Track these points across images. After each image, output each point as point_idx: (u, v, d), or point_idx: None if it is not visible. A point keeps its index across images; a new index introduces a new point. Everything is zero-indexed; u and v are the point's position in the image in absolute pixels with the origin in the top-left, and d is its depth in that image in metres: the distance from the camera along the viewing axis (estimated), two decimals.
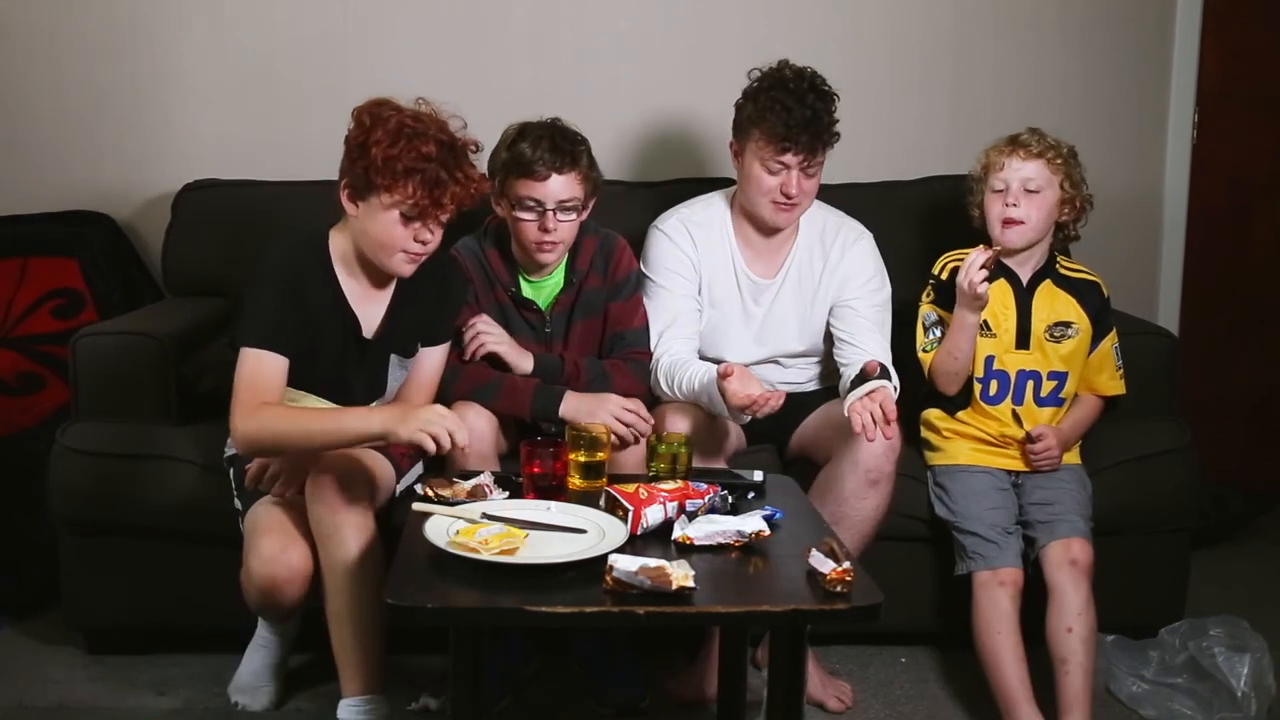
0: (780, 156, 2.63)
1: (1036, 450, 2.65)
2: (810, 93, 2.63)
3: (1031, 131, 2.73)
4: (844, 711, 2.62)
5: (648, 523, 2.06)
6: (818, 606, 1.84)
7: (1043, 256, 2.76)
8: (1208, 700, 2.55)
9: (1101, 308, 2.77)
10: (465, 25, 3.45)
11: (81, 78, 3.42)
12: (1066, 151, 2.72)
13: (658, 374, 2.71)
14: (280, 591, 2.35)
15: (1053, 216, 2.71)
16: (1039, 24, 3.56)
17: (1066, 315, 2.73)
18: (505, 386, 2.60)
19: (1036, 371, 2.71)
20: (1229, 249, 3.79)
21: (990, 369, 2.71)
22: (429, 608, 1.82)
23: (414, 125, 2.28)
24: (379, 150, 2.25)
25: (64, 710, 2.58)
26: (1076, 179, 2.73)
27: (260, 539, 2.35)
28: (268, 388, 2.29)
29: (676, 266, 2.75)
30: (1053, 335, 2.71)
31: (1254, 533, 3.62)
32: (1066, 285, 2.76)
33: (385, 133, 2.26)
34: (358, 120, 2.31)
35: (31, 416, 3.07)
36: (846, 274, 2.77)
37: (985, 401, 2.71)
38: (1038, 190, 2.68)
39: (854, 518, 2.53)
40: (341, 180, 2.34)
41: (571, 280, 2.71)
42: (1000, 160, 2.71)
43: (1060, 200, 2.71)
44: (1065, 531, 2.56)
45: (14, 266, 3.24)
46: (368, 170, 2.26)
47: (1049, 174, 2.68)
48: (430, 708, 2.55)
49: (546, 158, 2.56)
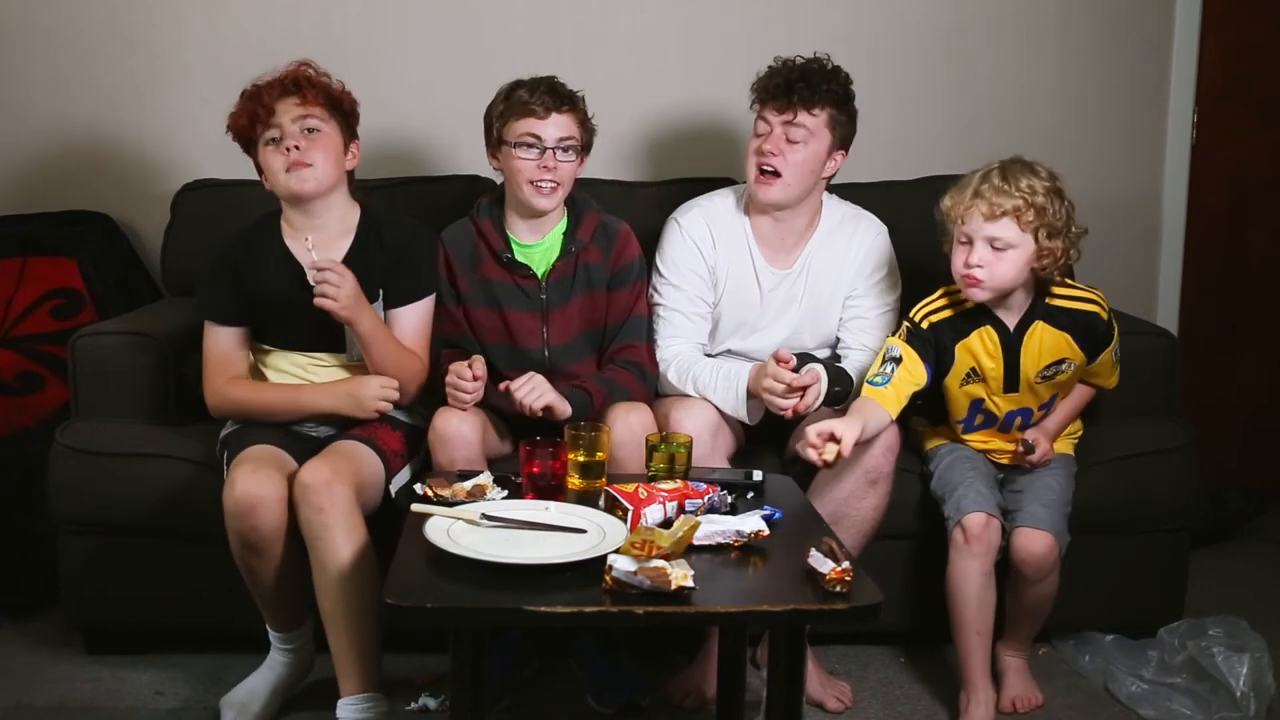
0: (763, 111, 2.66)
1: (1034, 460, 2.60)
2: (815, 65, 2.66)
3: (1004, 173, 2.44)
4: (843, 711, 2.62)
5: (647, 523, 2.06)
6: (817, 606, 1.84)
7: (1028, 296, 2.55)
8: (1207, 700, 2.54)
9: (1099, 336, 2.59)
10: (465, 25, 3.45)
11: (81, 78, 3.42)
12: (1043, 195, 2.42)
13: (668, 372, 2.71)
14: (255, 514, 2.33)
15: (1025, 270, 2.47)
16: (1038, 23, 3.56)
17: (1059, 354, 2.57)
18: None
19: (1027, 409, 2.63)
20: (1228, 249, 3.79)
21: (977, 408, 2.64)
22: (429, 608, 1.82)
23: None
24: (230, 129, 2.62)
25: (63, 710, 2.58)
26: (1057, 226, 2.43)
27: (235, 470, 2.39)
28: (227, 358, 2.61)
29: (693, 265, 2.75)
30: (1044, 377, 2.58)
31: (1254, 533, 3.61)
32: (1060, 321, 2.56)
33: (228, 120, 2.63)
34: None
35: (31, 416, 3.07)
36: (859, 268, 2.77)
37: (968, 431, 2.67)
38: (1004, 249, 2.44)
39: (853, 518, 2.53)
40: (260, 178, 2.64)
41: (569, 249, 2.69)
42: (962, 213, 2.47)
43: (1037, 254, 2.45)
44: (1025, 521, 2.54)
45: (13, 266, 3.24)
46: (242, 145, 2.63)
47: (1018, 232, 2.42)
48: (430, 708, 2.55)
49: (546, 99, 2.63)
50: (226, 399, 2.60)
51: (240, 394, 2.60)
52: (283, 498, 2.36)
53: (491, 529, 2.04)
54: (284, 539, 2.38)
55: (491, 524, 2.05)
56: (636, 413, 2.57)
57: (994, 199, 2.43)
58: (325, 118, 2.59)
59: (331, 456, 2.42)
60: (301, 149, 2.55)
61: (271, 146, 2.57)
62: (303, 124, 2.57)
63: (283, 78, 2.59)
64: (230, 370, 2.61)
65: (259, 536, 2.36)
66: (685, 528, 1.97)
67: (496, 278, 2.69)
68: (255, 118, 2.57)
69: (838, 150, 2.71)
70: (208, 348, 2.62)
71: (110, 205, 3.43)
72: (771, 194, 2.68)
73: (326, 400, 2.57)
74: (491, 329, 2.70)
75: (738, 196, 2.82)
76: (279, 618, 2.52)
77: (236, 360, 2.62)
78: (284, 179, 2.57)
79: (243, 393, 2.60)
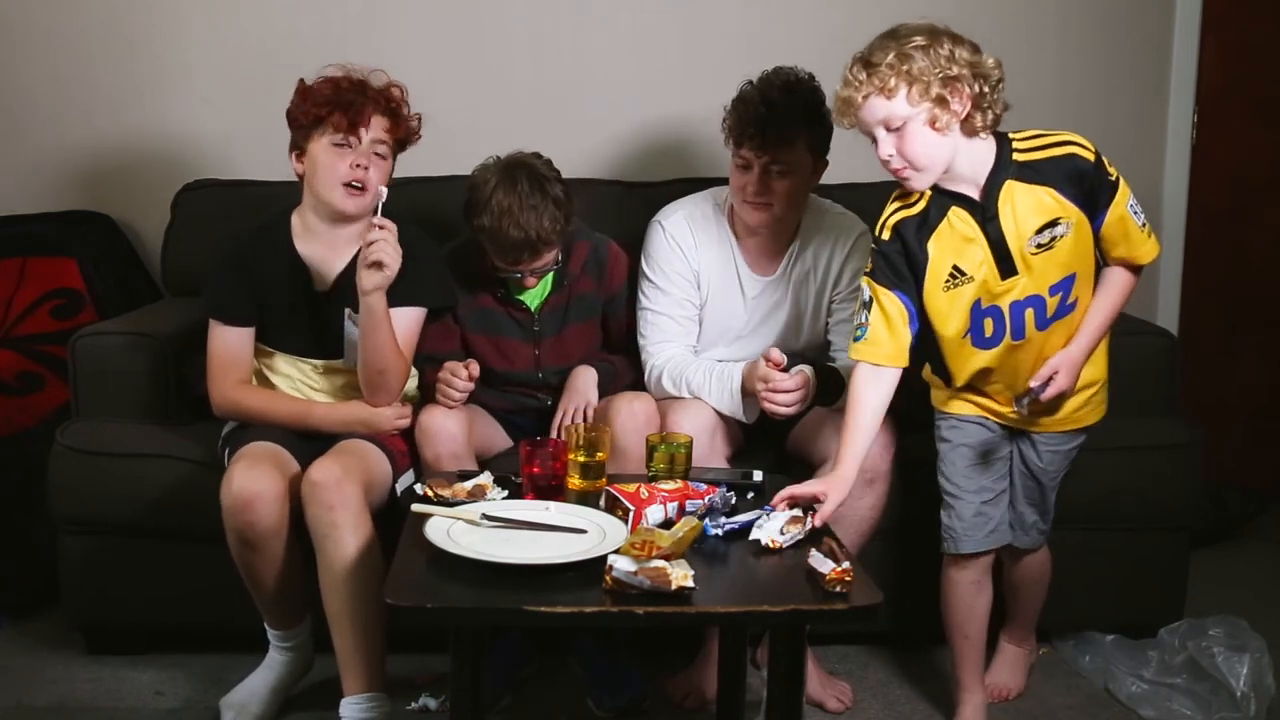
0: (740, 150, 2.63)
1: (1048, 396, 2.27)
2: (778, 91, 2.60)
3: (863, 61, 2.20)
4: (843, 711, 2.62)
5: (648, 523, 2.06)
6: (817, 606, 1.84)
7: (985, 158, 2.24)
8: (1207, 700, 2.54)
9: (1087, 178, 2.24)
10: (465, 26, 3.45)
11: (81, 78, 3.42)
12: (898, 58, 2.15)
13: (660, 377, 2.71)
14: (251, 509, 2.33)
15: (946, 135, 2.18)
16: (1038, 23, 3.56)
17: (1048, 214, 2.23)
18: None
19: (1035, 295, 2.27)
20: (1228, 248, 3.79)
21: (978, 311, 2.30)
22: (429, 608, 1.82)
23: (322, 79, 2.55)
24: (300, 101, 2.55)
25: (63, 710, 2.58)
26: (947, 75, 2.15)
27: (233, 466, 2.39)
28: (235, 359, 2.58)
29: (678, 268, 2.75)
30: (1040, 245, 2.24)
31: (1254, 533, 3.61)
32: (1034, 175, 2.23)
33: (301, 91, 2.57)
34: (292, 100, 2.58)
35: (31, 416, 3.07)
36: (843, 270, 2.76)
37: (980, 347, 2.32)
38: (902, 127, 2.18)
39: (851, 517, 2.52)
40: (291, 153, 2.59)
41: (562, 283, 2.73)
42: (846, 113, 2.23)
43: (942, 111, 2.16)
44: (1018, 540, 2.51)
45: (13, 266, 3.24)
46: (298, 121, 2.54)
47: (902, 104, 2.16)
48: (430, 708, 2.55)
49: (525, 256, 2.58)
50: (235, 405, 2.57)
51: (250, 403, 2.57)
52: (280, 494, 2.36)
53: (491, 529, 2.04)
54: (282, 536, 2.38)
55: (491, 524, 2.05)
56: (640, 401, 2.60)
57: (855, 89, 2.20)
58: (393, 150, 2.59)
59: (341, 455, 2.41)
60: (367, 171, 2.52)
61: (337, 149, 2.52)
62: (376, 147, 2.54)
63: (385, 95, 2.55)
64: (237, 372, 2.58)
65: (256, 533, 2.35)
66: (686, 528, 1.97)
67: (490, 307, 2.73)
68: (343, 115, 2.49)
69: (819, 163, 2.68)
70: (214, 348, 2.58)
71: (110, 205, 3.43)
72: (762, 219, 2.67)
73: (339, 424, 2.55)
74: (485, 353, 2.73)
75: (719, 202, 2.80)
76: (277, 615, 2.51)
77: (243, 361, 2.59)
78: (339, 192, 2.52)
79: (253, 402, 2.57)
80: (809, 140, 2.62)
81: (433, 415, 2.54)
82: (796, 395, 2.51)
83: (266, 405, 2.58)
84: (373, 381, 2.53)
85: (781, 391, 2.50)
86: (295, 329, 2.61)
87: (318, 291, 2.60)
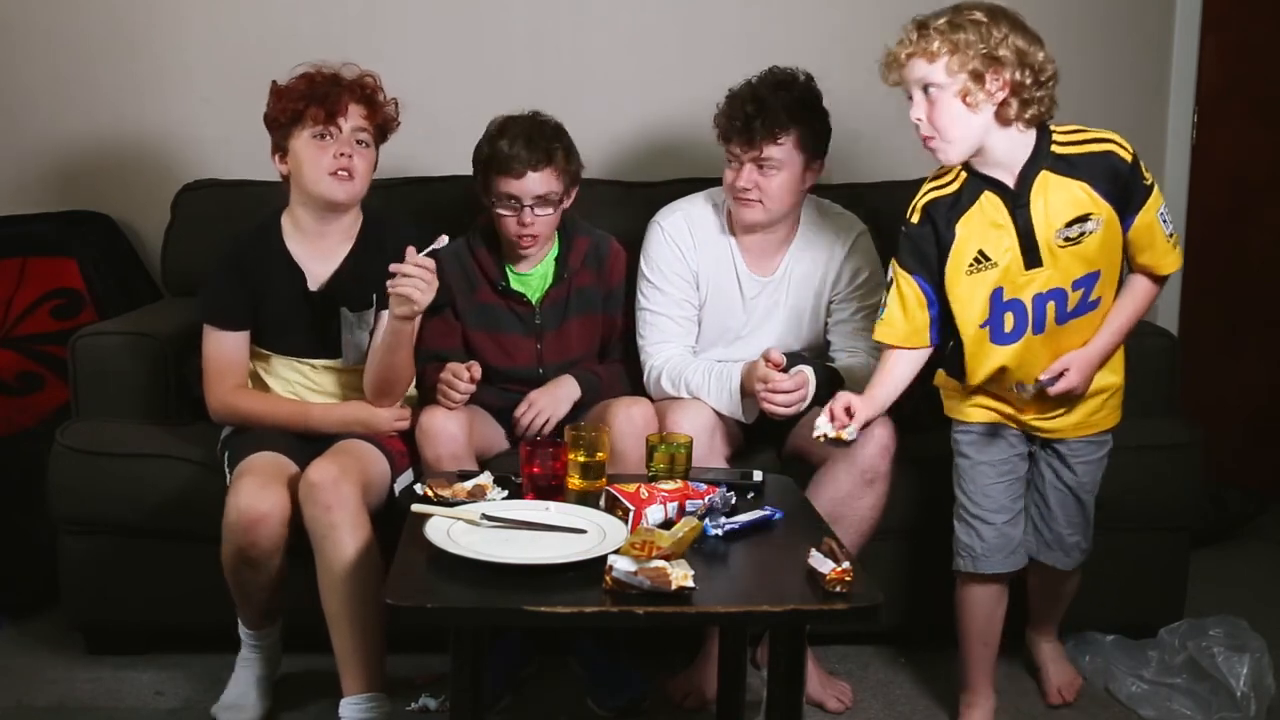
0: (729, 146, 2.64)
1: (1057, 390, 2.28)
2: (769, 88, 2.62)
3: (918, 25, 2.20)
4: (844, 711, 2.62)
5: (649, 523, 2.06)
6: (817, 606, 1.84)
7: (1023, 146, 2.25)
8: (1207, 700, 2.54)
9: (1122, 177, 2.23)
10: (465, 26, 3.45)
11: (81, 78, 3.42)
12: (950, 29, 2.17)
13: (660, 378, 2.71)
14: (256, 530, 2.33)
15: (976, 115, 2.19)
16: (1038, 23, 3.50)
17: (1079, 208, 2.23)
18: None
19: (1057, 289, 2.26)
20: (1228, 248, 3.79)
21: (999, 303, 2.27)
22: (429, 608, 1.82)
23: (294, 77, 2.57)
24: (275, 101, 2.56)
25: (63, 710, 2.58)
26: (994, 56, 2.17)
27: (240, 481, 2.38)
28: (231, 364, 2.58)
29: (676, 268, 2.75)
30: (1068, 239, 2.23)
31: (1254, 533, 3.61)
32: (1070, 168, 2.23)
33: (276, 92, 2.57)
34: (268, 103, 2.59)
35: (31, 416, 3.07)
36: (841, 271, 2.76)
37: (999, 343, 2.29)
38: (937, 94, 2.19)
39: (851, 517, 2.52)
40: (274, 155, 2.59)
41: (562, 275, 2.74)
42: (891, 67, 2.23)
43: (977, 88, 2.18)
44: (1048, 558, 2.49)
45: (13, 266, 3.24)
46: (277, 121, 2.55)
47: (942, 72, 2.17)
48: (430, 708, 2.55)
49: (523, 155, 2.61)
50: (233, 409, 2.58)
51: (248, 407, 2.58)
52: (285, 515, 2.36)
53: (491, 529, 2.04)
54: (281, 552, 2.38)
55: (491, 524, 2.05)
56: (639, 406, 2.60)
57: (903, 46, 2.22)
58: (374, 137, 2.60)
59: (339, 455, 2.42)
60: (351, 159, 2.54)
61: (318, 141, 2.53)
62: (357, 135, 2.56)
63: (359, 84, 2.57)
64: (233, 377, 2.59)
65: (258, 552, 2.36)
66: (686, 528, 1.97)
67: (491, 302, 2.74)
68: (319, 107, 2.51)
69: (814, 162, 2.68)
70: (210, 353, 2.59)
71: (110, 205, 3.43)
72: (753, 215, 2.68)
73: (337, 424, 2.56)
74: (486, 350, 2.73)
75: (718, 202, 2.80)
76: (255, 618, 2.53)
77: (239, 366, 2.60)
78: (326, 181, 2.53)
79: (251, 406, 2.58)
80: (800, 138, 2.62)
81: (433, 416, 2.54)
82: (796, 395, 2.51)
83: (264, 408, 2.59)
84: (380, 389, 2.55)
85: (781, 392, 2.50)
86: (291, 330, 2.61)
87: (312, 291, 2.61)
